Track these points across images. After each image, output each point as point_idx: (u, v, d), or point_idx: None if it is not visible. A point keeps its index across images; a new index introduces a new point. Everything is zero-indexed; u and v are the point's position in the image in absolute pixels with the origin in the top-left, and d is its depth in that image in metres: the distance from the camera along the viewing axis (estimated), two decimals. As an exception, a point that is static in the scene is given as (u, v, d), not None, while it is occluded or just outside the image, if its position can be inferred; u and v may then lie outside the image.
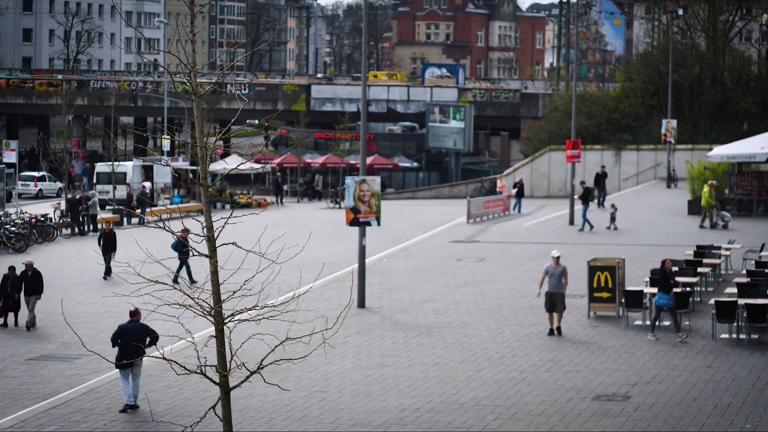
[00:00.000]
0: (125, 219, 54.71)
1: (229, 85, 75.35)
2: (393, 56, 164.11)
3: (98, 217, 51.58)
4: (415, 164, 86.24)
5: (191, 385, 21.47)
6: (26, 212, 50.23)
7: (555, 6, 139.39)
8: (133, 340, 20.16)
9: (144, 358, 19.99)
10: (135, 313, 20.59)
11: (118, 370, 20.61)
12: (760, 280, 27.41)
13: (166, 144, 75.25)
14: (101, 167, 66.60)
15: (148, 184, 65.80)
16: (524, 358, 23.89)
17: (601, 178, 57.82)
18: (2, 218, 47.23)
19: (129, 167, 66.05)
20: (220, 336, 13.85)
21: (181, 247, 29.24)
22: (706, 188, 45.85)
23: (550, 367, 22.97)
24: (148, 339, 20.29)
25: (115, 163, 62.85)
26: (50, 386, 22.57)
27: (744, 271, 30.80)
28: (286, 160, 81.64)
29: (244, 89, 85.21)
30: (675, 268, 30.25)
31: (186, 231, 28.14)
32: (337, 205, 66.82)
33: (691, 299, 27.59)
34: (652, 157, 70.75)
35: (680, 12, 74.02)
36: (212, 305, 13.79)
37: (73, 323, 25.42)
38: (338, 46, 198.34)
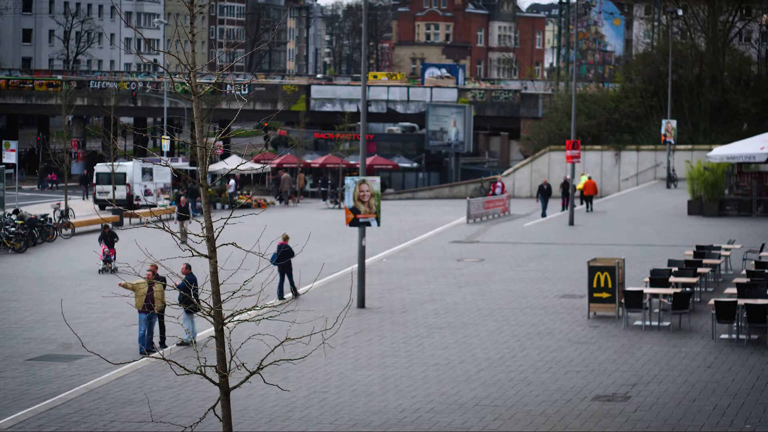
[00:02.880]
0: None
1: (228, 86, 75.34)
2: (393, 56, 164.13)
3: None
4: (415, 164, 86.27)
5: (191, 385, 21.47)
6: (26, 212, 50.23)
7: (555, 6, 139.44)
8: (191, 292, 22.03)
9: (144, 359, 21.57)
10: (188, 268, 23.75)
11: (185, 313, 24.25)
12: (759, 281, 27.41)
13: (165, 144, 75.22)
14: (101, 167, 66.60)
15: (151, 186, 65.95)
16: (524, 358, 23.89)
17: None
18: (2, 218, 47.24)
19: (129, 167, 66.05)
20: (219, 336, 13.84)
21: (284, 256, 29.09)
22: None
23: (550, 368, 22.97)
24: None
25: (115, 164, 62.88)
26: (50, 386, 22.57)
27: (744, 272, 30.80)
28: (285, 160, 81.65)
29: (244, 89, 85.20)
30: (674, 268, 30.31)
31: (286, 238, 29.51)
32: (337, 206, 66.83)
33: (691, 299, 27.59)
34: (652, 158, 70.80)
35: (680, 12, 74.05)
36: (212, 305, 13.78)
37: (73, 323, 25.45)
38: (338, 46, 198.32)
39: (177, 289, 20.37)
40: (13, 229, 45.23)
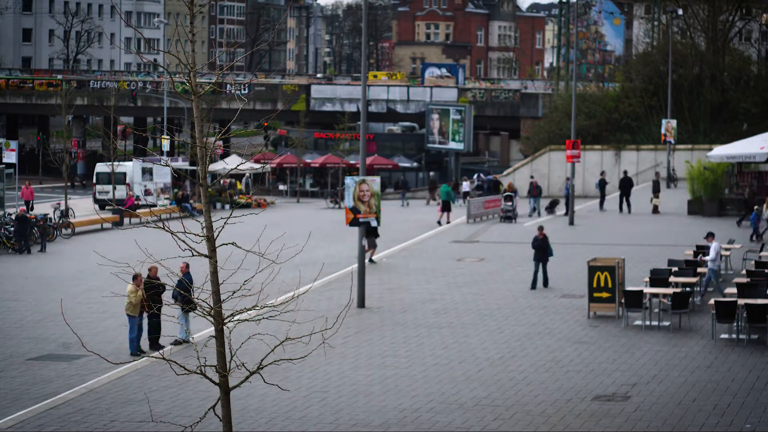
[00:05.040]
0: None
1: (228, 85, 75.31)
2: (393, 56, 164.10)
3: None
4: (415, 164, 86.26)
5: (191, 385, 21.46)
6: (26, 212, 50.19)
7: (555, 6, 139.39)
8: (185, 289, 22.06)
9: (144, 358, 21.92)
10: (186, 267, 24.01)
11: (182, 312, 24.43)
12: (760, 280, 27.42)
13: (165, 144, 75.22)
14: (101, 167, 66.60)
15: (152, 186, 66.05)
16: (524, 358, 23.88)
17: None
18: (2, 218, 47.22)
19: (129, 167, 66.04)
20: (219, 336, 13.83)
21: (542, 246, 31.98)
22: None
23: (550, 367, 22.97)
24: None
25: (115, 163, 62.88)
26: (50, 386, 22.57)
27: (744, 271, 30.80)
28: (285, 160, 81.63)
29: (244, 89, 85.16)
30: (674, 268, 30.29)
31: (540, 229, 29.88)
32: (337, 205, 66.82)
33: (691, 299, 27.58)
34: (652, 157, 70.78)
35: (680, 12, 74.03)
36: (212, 305, 13.77)
37: (73, 323, 25.41)
38: (338, 46, 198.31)
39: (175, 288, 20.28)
40: (12, 228, 45.21)
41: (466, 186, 66.67)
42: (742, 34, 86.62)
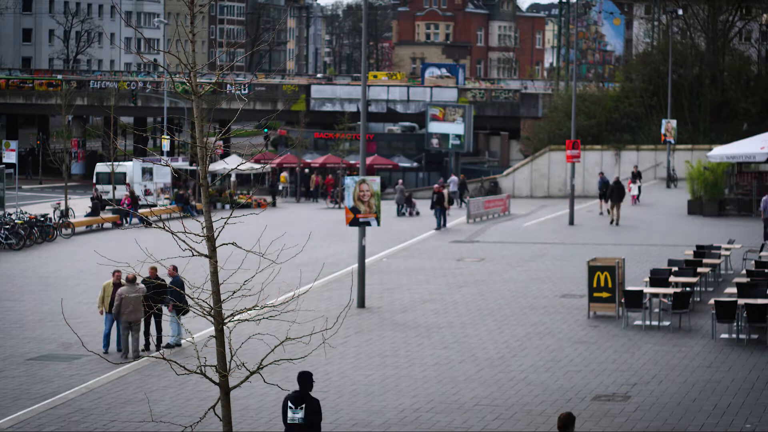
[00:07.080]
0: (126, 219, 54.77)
1: (228, 85, 75.33)
2: (393, 56, 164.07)
3: None
4: (415, 164, 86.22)
5: (191, 385, 21.47)
6: (26, 212, 50.19)
7: (555, 6, 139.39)
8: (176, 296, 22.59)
9: (144, 358, 21.39)
10: (175, 269, 24.05)
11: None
12: (760, 280, 27.42)
13: (165, 144, 75.18)
14: (101, 167, 66.58)
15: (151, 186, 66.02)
16: (524, 358, 23.89)
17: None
18: (2, 218, 47.22)
19: (129, 167, 66.03)
20: (220, 336, 13.83)
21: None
22: None
23: (550, 367, 22.97)
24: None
25: (115, 163, 62.87)
26: (50, 386, 22.57)
27: (744, 271, 30.80)
28: (285, 160, 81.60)
29: (244, 89, 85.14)
30: (674, 268, 30.30)
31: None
32: (337, 205, 66.81)
33: (691, 299, 27.60)
34: (652, 157, 70.79)
35: (680, 12, 74.07)
36: (212, 305, 13.77)
37: (73, 323, 25.40)
38: (338, 46, 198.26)
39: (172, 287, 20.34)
40: (8, 226, 45.24)
41: None
42: (742, 34, 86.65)
